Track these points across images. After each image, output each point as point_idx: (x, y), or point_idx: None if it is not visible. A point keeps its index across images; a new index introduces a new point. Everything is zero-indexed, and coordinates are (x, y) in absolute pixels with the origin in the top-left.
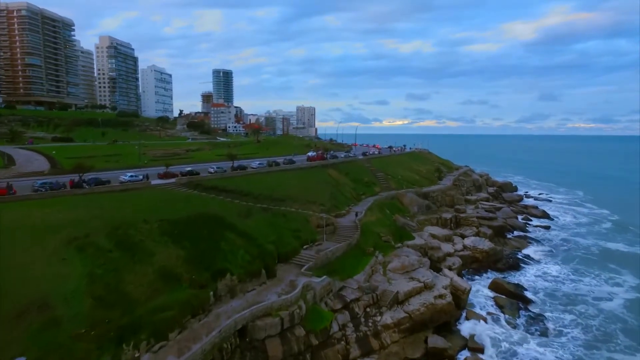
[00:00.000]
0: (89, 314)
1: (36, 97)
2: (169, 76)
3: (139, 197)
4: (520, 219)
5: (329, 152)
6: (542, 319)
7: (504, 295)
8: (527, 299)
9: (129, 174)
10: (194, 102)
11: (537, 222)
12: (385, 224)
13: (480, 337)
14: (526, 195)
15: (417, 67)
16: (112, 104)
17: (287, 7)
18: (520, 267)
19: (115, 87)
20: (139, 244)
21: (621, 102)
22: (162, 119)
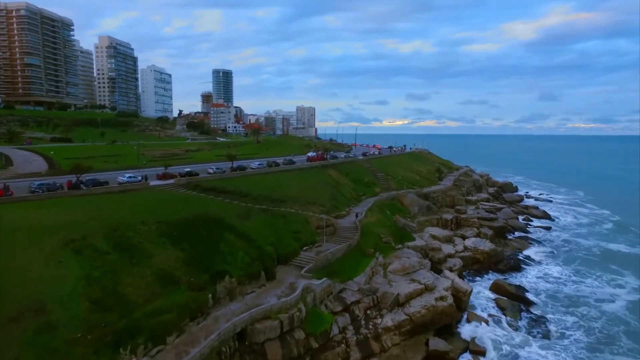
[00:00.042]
0: (86, 317)
1: (35, 97)
2: (169, 76)
3: (138, 198)
4: (521, 219)
5: (328, 153)
6: (544, 321)
7: (505, 296)
8: (529, 301)
9: (128, 174)
10: (194, 102)
11: (537, 222)
12: (385, 225)
13: (481, 340)
14: (527, 195)
15: (417, 67)
16: (112, 104)
17: (287, 7)
18: (521, 268)
19: (114, 87)
20: (137, 246)
21: (621, 102)
22: (162, 119)
